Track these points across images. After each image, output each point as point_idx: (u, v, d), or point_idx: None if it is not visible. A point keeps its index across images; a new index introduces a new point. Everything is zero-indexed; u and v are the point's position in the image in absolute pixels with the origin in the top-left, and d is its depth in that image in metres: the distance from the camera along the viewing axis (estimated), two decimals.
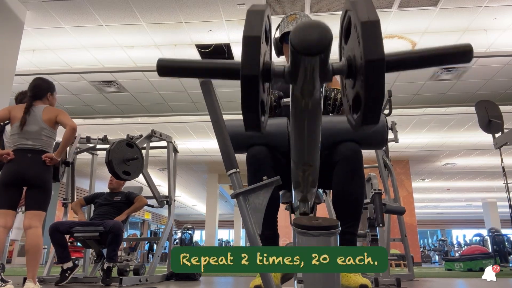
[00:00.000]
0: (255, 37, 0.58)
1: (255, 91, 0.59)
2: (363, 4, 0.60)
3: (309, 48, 0.57)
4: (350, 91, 0.67)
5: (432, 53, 0.64)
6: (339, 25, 0.71)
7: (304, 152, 0.90)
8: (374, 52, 0.55)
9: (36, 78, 2.93)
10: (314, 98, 0.71)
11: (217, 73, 0.67)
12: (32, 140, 2.65)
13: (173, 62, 0.68)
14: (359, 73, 0.59)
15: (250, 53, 0.58)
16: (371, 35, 0.56)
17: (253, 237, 1.06)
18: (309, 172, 0.99)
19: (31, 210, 2.58)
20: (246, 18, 0.61)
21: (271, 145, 1.55)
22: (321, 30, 0.57)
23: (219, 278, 4.50)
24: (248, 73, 0.58)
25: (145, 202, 3.86)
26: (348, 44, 0.66)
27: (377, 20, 0.57)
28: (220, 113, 1.21)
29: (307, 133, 0.82)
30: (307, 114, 0.76)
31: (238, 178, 1.15)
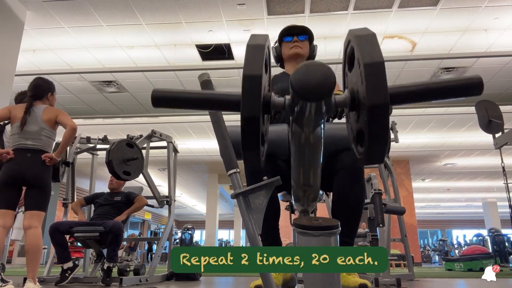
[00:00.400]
0: (255, 76, 0.57)
1: (256, 131, 0.58)
2: (367, 42, 0.57)
3: (311, 94, 0.55)
4: (354, 124, 0.65)
5: (439, 86, 0.61)
6: (339, 26, 0.70)
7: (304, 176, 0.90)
8: (377, 97, 0.54)
9: (37, 78, 2.93)
10: (315, 132, 0.70)
11: (215, 105, 0.65)
12: (32, 140, 2.65)
13: (169, 93, 0.65)
14: (362, 108, 0.57)
15: (251, 93, 0.56)
16: (375, 78, 0.54)
17: (253, 237, 1.06)
18: (310, 192, 0.99)
19: (30, 210, 2.57)
20: (246, 53, 0.59)
21: (271, 153, 1.54)
22: (324, 74, 0.55)
23: (219, 278, 4.50)
24: (249, 115, 0.56)
25: (145, 202, 3.85)
26: (351, 76, 0.64)
27: (381, 62, 0.55)
28: (220, 113, 1.21)
29: (307, 162, 0.82)
30: (308, 146, 0.75)
31: (238, 178, 1.16)
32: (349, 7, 4.80)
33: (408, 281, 3.74)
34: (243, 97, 0.56)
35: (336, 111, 1.66)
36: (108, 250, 3.36)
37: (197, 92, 0.66)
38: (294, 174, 0.93)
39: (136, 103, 7.58)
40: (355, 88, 0.61)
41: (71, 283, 3.26)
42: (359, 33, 0.57)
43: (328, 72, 0.55)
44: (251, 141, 0.59)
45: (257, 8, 4.87)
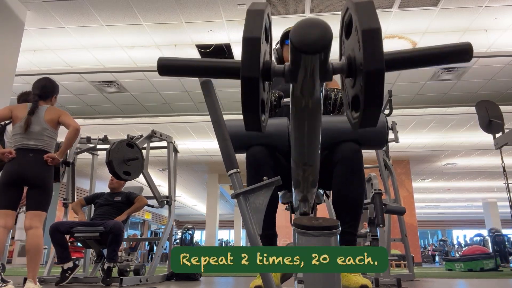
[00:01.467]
0: (255, 38, 0.58)
1: (256, 92, 0.59)
2: (365, 8, 0.60)
3: (309, 47, 0.57)
4: (350, 90, 0.67)
5: (432, 52, 0.64)
6: (339, 25, 0.71)
7: (304, 152, 0.90)
8: (374, 62, 0.55)
9: (43, 78, 2.92)
10: (314, 97, 0.71)
11: (217, 72, 0.67)
12: (34, 140, 2.64)
13: (173, 61, 0.68)
14: (359, 74, 0.59)
15: (250, 55, 0.58)
16: (372, 44, 0.56)
17: (254, 237, 1.06)
18: (309, 172, 0.99)
19: (31, 210, 2.57)
20: (246, 18, 0.61)
21: (271, 145, 1.55)
22: (322, 29, 0.57)
23: (219, 278, 4.50)
24: (248, 75, 0.58)
25: (146, 202, 3.86)
26: (348, 43, 0.66)
27: (378, 28, 0.57)
28: (221, 113, 1.21)
29: (307, 132, 0.82)
30: (307, 113, 0.76)
31: (239, 178, 1.15)
32: None
33: (408, 281, 3.74)
34: (242, 59, 0.58)
35: (335, 105, 1.67)
36: (108, 250, 3.36)
37: (201, 60, 0.68)
38: (294, 150, 0.93)
39: (136, 103, 7.58)
40: (351, 55, 0.63)
41: (71, 283, 3.26)
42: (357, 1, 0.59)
43: (326, 27, 0.58)
44: (251, 101, 0.60)
45: None
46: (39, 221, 2.58)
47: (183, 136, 9.56)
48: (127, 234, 14.14)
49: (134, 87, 6.92)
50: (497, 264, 6.69)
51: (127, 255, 9.23)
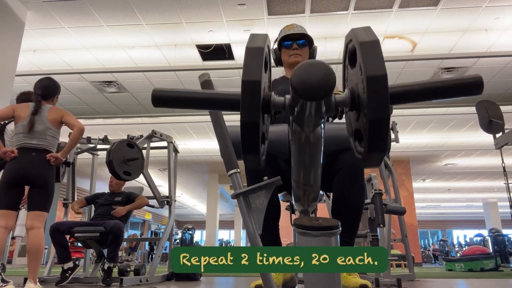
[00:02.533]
0: (254, 82, 0.57)
1: (256, 136, 0.58)
2: (362, 30, 0.59)
3: (311, 94, 0.55)
4: (353, 123, 0.65)
5: (440, 86, 0.61)
6: (339, 26, 0.70)
7: (305, 176, 0.90)
8: (374, 69, 0.53)
9: (45, 78, 2.92)
10: (316, 131, 0.70)
11: (216, 105, 0.65)
12: (37, 139, 2.64)
13: (169, 92, 0.65)
14: (362, 102, 0.57)
15: (250, 99, 0.56)
16: (371, 54, 0.54)
17: (254, 237, 1.06)
18: (310, 191, 0.99)
19: (33, 210, 2.57)
20: (245, 57, 0.59)
21: (271, 153, 1.54)
22: (324, 74, 0.55)
23: (220, 278, 4.50)
24: (248, 120, 0.57)
25: (146, 201, 3.86)
26: (352, 74, 0.65)
27: (376, 40, 0.56)
28: (221, 113, 1.21)
29: (308, 162, 0.82)
30: (308, 146, 0.75)
31: (239, 178, 1.15)
32: (349, 7, 4.79)
33: (408, 282, 3.74)
34: (242, 102, 0.56)
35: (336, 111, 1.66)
36: (109, 250, 3.36)
37: (197, 91, 0.65)
38: (294, 174, 0.93)
39: (136, 103, 7.58)
40: (355, 89, 0.61)
41: (71, 283, 3.26)
42: (362, 38, 0.57)
43: (328, 72, 0.55)
44: (251, 145, 0.59)
45: (257, 8, 4.87)
46: (40, 221, 2.57)
47: (183, 136, 9.56)
48: (127, 234, 14.14)
49: (134, 87, 6.92)
50: (497, 264, 6.68)
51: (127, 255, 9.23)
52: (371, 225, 3.30)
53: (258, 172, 1.51)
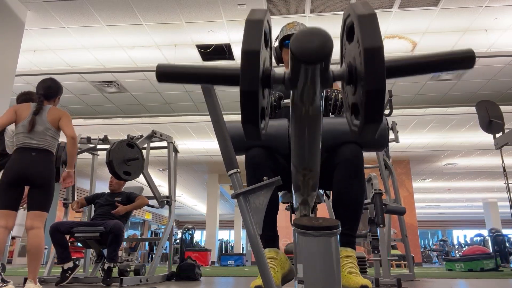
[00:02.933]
0: (253, 51, 0.57)
1: (255, 105, 0.59)
2: (361, 4, 0.60)
3: (310, 56, 0.56)
4: (350, 97, 0.67)
5: (433, 59, 0.63)
6: (339, 26, 0.70)
7: (304, 157, 0.90)
8: (372, 41, 0.55)
9: (48, 79, 2.91)
10: (314, 104, 0.70)
11: (216, 79, 0.66)
12: (37, 140, 2.64)
13: (172, 68, 0.67)
14: (359, 82, 0.58)
15: (249, 68, 0.57)
16: (369, 26, 0.56)
17: (254, 237, 1.06)
18: (310, 177, 0.99)
19: (33, 210, 2.57)
20: (245, 28, 0.60)
21: (271, 147, 1.54)
22: (322, 38, 0.57)
23: (220, 278, 4.50)
24: (247, 89, 0.57)
25: (146, 201, 3.86)
26: (349, 49, 0.66)
27: (374, 13, 0.57)
28: (221, 113, 1.21)
29: (307, 138, 0.82)
30: (307, 120, 0.75)
31: (239, 178, 1.15)
32: None
33: (408, 282, 3.74)
34: (242, 72, 0.58)
35: (335, 106, 1.66)
36: (109, 250, 3.36)
37: (200, 67, 0.67)
38: (294, 156, 0.92)
39: (136, 103, 7.58)
40: (352, 63, 0.62)
41: (71, 283, 3.26)
42: (360, 11, 0.58)
43: (327, 37, 0.57)
44: (251, 114, 0.60)
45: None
46: (40, 221, 2.57)
47: (183, 136, 9.56)
48: (127, 234, 14.14)
49: (134, 87, 6.92)
50: (497, 264, 6.68)
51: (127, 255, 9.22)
52: (371, 225, 3.30)
53: (258, 167, 1.51)
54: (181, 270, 3.95)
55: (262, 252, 1.06)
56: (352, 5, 0.60)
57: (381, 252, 3.25)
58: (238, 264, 11.15)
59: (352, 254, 1.56)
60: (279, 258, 1.59)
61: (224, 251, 17.38)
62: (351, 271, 1.50)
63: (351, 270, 1.50)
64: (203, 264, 10.64)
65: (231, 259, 11.43)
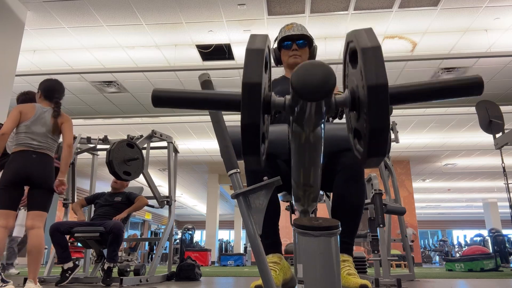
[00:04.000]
0: (255, 84, 0.57)
1: (256, 137, 0.58)
2: (364, 33, 0.58)
3: (311, 94, 0.55)
4: (354, 124, 0.65)
5: (439, 86, 0.61)
6: (339, 26, 0.70)
7: (305, 176, 0.90)
8: (376, 78, 0.53)
9: (55, 80, 2.93)
10: (316, 132, 0.70)
11: (216, 105, 0.65)
12: (37, 141, 2.65)
13: (169, 93, 0.64)
14: (363, 105, 0.57)
15: (250, 101, 0.56)
16: (373, 60, 0.54)
17: (253, 237, 1.06)
18: (310, 192, 0.99)
19: (34, 210, 2.57)
20: (245, 58, 0.59)
21: (272, 153, 1.54)
22: (324, 74, 0.55)
23: (220, 278, 4.50)
24: (248, 122, 0.57)
25: (146, 202, 3.85)
26: (351, 75, 0.64)
27: (378, 46, 0.55)
28: (221, 113, 1.21)
29: (308, 162, 0.82)
30: (308, 146, 0.75)
31: (239, 178, 1.15)
32: (349, 7, 4.79)
33: (408, 282, 3.74)
34: (242, 105, 0.57)
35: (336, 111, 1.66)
36: (109, 250, 3.35)
37: (197, 92, 0.65)
38: (294, 174, 0.93)
39: (136, 103, 7.58)
40: (355, 89, 0.61)
41: (71, 283, 3.26)
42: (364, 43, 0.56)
43: (329, 72, 0.55)
44: (252, 146, 0.59)
45: (257, 9, 4.87)
46: (41, 221, 2.58)
47: (183, 136, 9.56)
48: (127, 234, 14.14)
49: (134, 87, 6.92)
50: (497, 264, 6.68)
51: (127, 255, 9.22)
52: (371, 225, 3.30)
53: (258, 172, 1.51)
54: (181, 270, 3.95)
55: (262, 252, 1.06)
56: (356, 32, 0.59)
57: (381, 252, 3.25)
58: (238, 264, 11.15)
59: (349, 259, 1.57)
60: (281, 264, 1.59)
61: (224, 251, 17.39)
62: (349, 272, 1.50)
63: (350, 271, 1.51)
64: (203, 264, 10.64)
65: (231, 259, 11.43)
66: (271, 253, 1.60)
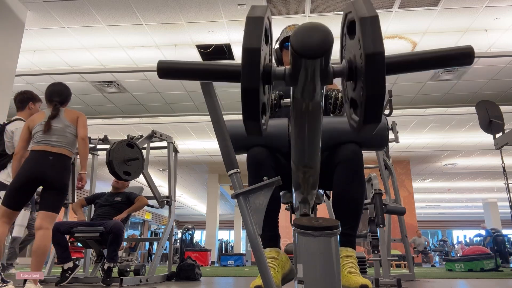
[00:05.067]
0: (254, 49, 0.58)
1: (256, 102, 0.59)
2: (362, 2, 0.60)
3: (310, 51, 0.57)
4: (350, 93, 0.67)
5: (433, 55, 0.64)
6: (339, 26, 0.71)
7: (304, 154, 0.90)
8: (373, 46, 0.55)
9: (58, 84, 2.93)
10: (314, 100, 0.70)
11: (217, 75, 0.67)
12: (56, 136, 2.65)
13: (173, 64, 0.68)
14: (359, 74, 0.59)
15: (250, 65, 0.58)
16: (370, 30, 0.56)
17: (254, 237, 1.06)
18: (310, 174, 0.99)
19: (45, 211, 2.56)
20: (245, 26, 0.60)
21: (272, 146, 1.54)
22: (322, 33, 0.57)
23: (220, 278, 4.50)
24: (247, 86, 0.58)
25: (146, 202, 3.85)
26: (349, 46, 0.66)
27: (376, 16, 0.57)
28: (221, 113, 1.21)
29: (307, 135, 0.82)
30: (307, 116, 0.75)
31: (239, 178, 1.15)
32: None
33: (408, 282, 3.74)
34: (242, 70, 0.58)
35: (335, 105, 1.66)
36: (109, 251, 3.36)
37: (201, 63, 0.68)
38: (294, 153, 0.92)
39: (136, 103, 7.58)
40: (352, 60, 0.62)
41: (71, 283, 3.26)
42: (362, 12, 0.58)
43: (327, 32, 0.57)
44: (252, 111, 0.60)
45: None
46: (50, 222, 2.58)
47: (183, 136, 9.56)
48: (127, 234, 14.15)
49: (134, 87, 6.92)
50: (497, 264, 6.68)
51: (127, 255, 9.22)
52: (371, 225, 3.30)
53: (258, 172, 1.51)
54: (181, 270, 3.95)
55: (262, 252, 1.06)
56: (355, 2, 0.60)
57: (381, 252, 3.25)
58: (238, 264, 11.15)
59: (353, 254, 1.56)
60: (279, 258, 1.58)
61: (224, 251, 17.39)
62: (351, 271, 1.50)
63: (351, 270, 1.50)
64: (203, 264, 10.64)
65: (231, 259, 11.43)
66: (268, 248, 1.59)
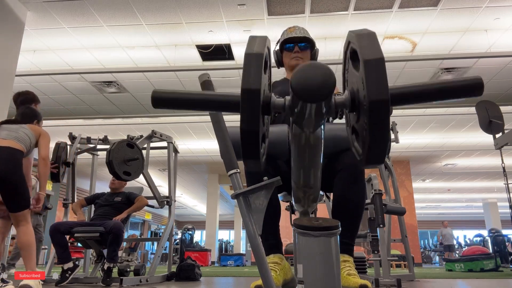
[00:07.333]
0: (254, 90, 0.56)
1: (255, 143, 0.58)
2: (367, 39, 0.57)
3: (311, 96, 0.55)
4: (353, 123, 0.65)
5: (441, 87, 0.60)
6: (339, 26, 0.70)
7: (305, 178, 0.90)
8: (378, 93, 0.53)
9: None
10: (315, 133, 0.70)
11: (215, 106, 0.65)
12: (7, 132, 2.58)
13: (168, 94, 0.64)
14: (362, 109, 0.57)
15: (250, 108, 0.56)
16: (375, 75, 0.53)
17: (254, 237, 1.06)
18: (310, 193, 0.99)
19: (13, 212, 2.48)
20: (244, 63, 0.58)
21: (271, 154, 1.54)
22: (323, 76, 0.55)
23: (220, 278, 4.50)
24: (247, 128, 0.56)
25: (146, 202, 3.85)
26: (352, 74, 0.64)
27: (381, 58, 0.54)
28: (221, 114, 1.21)
29: (308, 163, 0.82)
30: (308, 148, 0.75)
31: (239, 179, 1.15)
32: (349, 7, 4.79)
33: (408, 282, 3.74)
34: (242, 110, 0.56)
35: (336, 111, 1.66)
36: (109, 251, 3.35)
37: (197, 93, 0.65)
38: (294, 175, 0.93)
39: (136, 103, 7.58)
40: (355, 89, 0.60)
41: (71, 283, 3.26)
42: (359, 32, 0.56)
43: (328, 73, 0.55)
44: (251, 151, 0.59)
45: (257, 9, 4.87)
46: (25, 220, 2.50)
47: (183, 136, 9.56)
48: (127, 234, 14.13)
49: (134, 87, 6.92)
50: (497, 264, 6.68)
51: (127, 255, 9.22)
52: (371, 225, 3.30)
53: (257, 174, 1.51)
54: (181, 270, 3.95)
55: (262, 252, 1.06)
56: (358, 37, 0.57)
57: (381, 252, 3.25)
58: (238, 264, 11.15)
59: (350, 259, 1.57)
60: (282, 264, 1.59)
61: (224, 251, 17.39)
62: (349, 273, 1.50)
63: (350, 272, 1.51)
64: (203, 264, 10.64)
65: (231, 259, 11.42)
66: (272, 254, 1.60)
